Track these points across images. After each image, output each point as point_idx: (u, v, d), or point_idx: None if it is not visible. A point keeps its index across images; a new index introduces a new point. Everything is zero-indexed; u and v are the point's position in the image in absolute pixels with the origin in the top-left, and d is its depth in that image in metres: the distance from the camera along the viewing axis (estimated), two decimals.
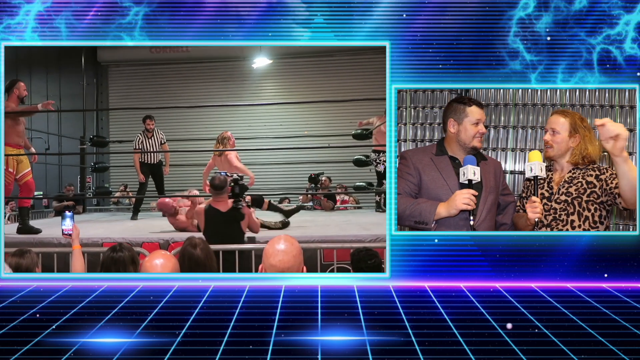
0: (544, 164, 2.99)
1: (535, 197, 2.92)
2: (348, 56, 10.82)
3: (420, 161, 3.08)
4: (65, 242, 4.19)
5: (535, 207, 2.89)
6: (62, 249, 4.06)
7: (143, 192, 7.27)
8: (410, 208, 3.00)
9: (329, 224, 5.87)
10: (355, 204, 9.13)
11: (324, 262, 4.21)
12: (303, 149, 8.60)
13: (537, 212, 2.89)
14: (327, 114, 10.69)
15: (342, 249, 4.12)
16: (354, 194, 9.06)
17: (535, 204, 2.89)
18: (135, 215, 6.98)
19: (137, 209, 7.16)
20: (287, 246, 2.45)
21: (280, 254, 2.41)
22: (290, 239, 2.51)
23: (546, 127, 3.12)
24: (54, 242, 4.52)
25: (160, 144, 7.27)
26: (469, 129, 3.05)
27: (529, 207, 2.91)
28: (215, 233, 4.31)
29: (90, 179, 10.39)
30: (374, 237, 4.40)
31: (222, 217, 4.40)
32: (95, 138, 7.70)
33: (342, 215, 7.41)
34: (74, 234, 3.51)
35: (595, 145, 3.00)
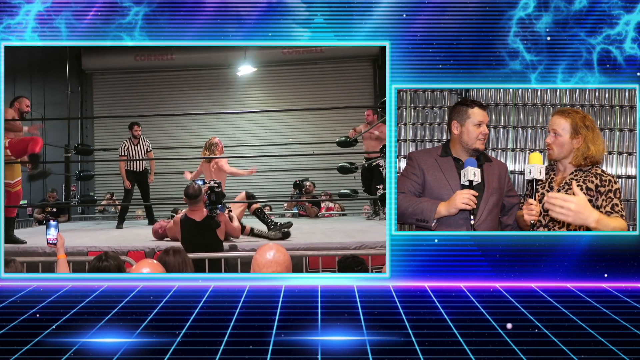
0: (544, 166, 2.98)
1: (532, 200, 2.92)
2: (332, 64, 10.85)
3: (425, 162, 3.15)
4: (50, 251, 4.17)
5: (531, 210, 2.89)
6: (47, 258, 4.00)
7: (128, 200, 7.19)
8: (413, 206, 3.08)
9: (314, 232, 5.86)
10: (340, 210, 9.15)
11: (310, 269, 4.22)
12: (288, 157, 8.62)
13: (533, 214, 2.90)
14: (311, 122, 10.72)
15: (327, 256, 4.12)
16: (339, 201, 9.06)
17: (532, 206, 2.89)
18: (121, 224, 6.87)
19: (123, 217, 7.04)
20: (279, 256, 2.48)
21: (273, 264, 2.44)
22: (279, 247, 2.54)
23: (548, 128, 3.11)
24: (39, 251, 4.47)
25: (146, 151, 7.20)
26: (472, 130, 3.09)
27: (526, 209, 2.91)
28: (191, 242, 4.29)
29: (75, 187, 10.25)
30: (359, 244, 4.42)
31: (198, 226, 4.38)
32: (80, 146, 7.67)
33: (327, 222, 7.42)
34: (59, 243, 3.47)
35: (598, 145, 2.98)
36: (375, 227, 6.05)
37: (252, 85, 11.05)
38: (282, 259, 2.48)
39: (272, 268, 2.43)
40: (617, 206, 2.93)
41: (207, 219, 4.39)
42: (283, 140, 9.98)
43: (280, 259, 2.47)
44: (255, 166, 6.22)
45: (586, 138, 2.97)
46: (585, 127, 2.97)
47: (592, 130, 2.98)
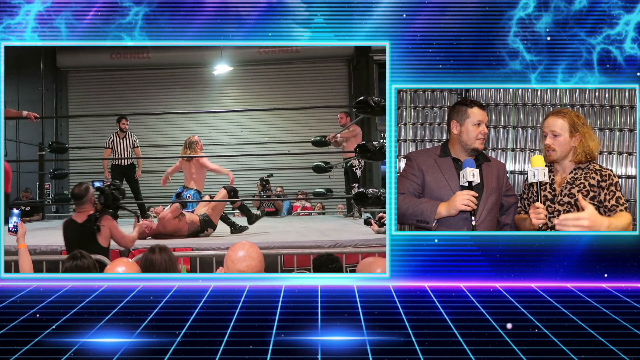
0: (547, 169, 2.98)
1: (539, 204, 2.92)
2: (308, 64, 10.75)
3: (424, 162, 3.14)
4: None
5: (539, 214, 2.89)
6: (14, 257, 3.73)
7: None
8: (413, 207, 3.08)
9: (289, 230, 5.87)
10: (321, 209, 9.16)
11: (285, 268, 4.20)
12: (263, 156, 8.53)
13: (541, 218, 2.90)
14: (287, 121, 10.64)
15: (302, 254, 4.10)
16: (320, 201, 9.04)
17: (539, 209, 2.89)
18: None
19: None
20: (252, 251, 2.54)
21: (247, 259, 2.50)
22: (251, 244, 2.59)
23: (545, 131, 3.11)
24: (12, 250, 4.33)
25: (133, 146, 7.12)
26: (471, 130, 3.09)
27: (533, 213, 2.91)
28: (73, 246, 3.93)
29: (49, 186, 10.02)
30: (334, 243, 4.41)
31: (77, 228, 4.08)
32: (55, 144, 7.49)
33: (302, 221, 7.41)
34: (20, 232, 3.36)
35: (595, 140, 3.02)
36: (349, 226, 6.06)
37: (229, 84, 10.93)
38: (255, 254, 2.55)
39: (246, 262, 2.48)
40: (620, 199, 2.95)
41: (88, 222, 4.05)
42: (259, 139, 9.90)
43: (254, 253, 2.54)
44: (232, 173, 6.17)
45: (585, 134, 3.00)
46: (581, 124, 3.02)
47: (587, 126, 3.03)
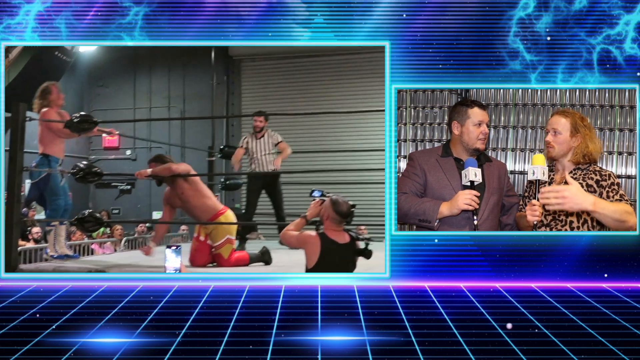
0: (547, 168, 2.99)
1: (535, 201, 2.92)
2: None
3: (426, 162, 3.14)
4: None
5: (534, 211, 2.89)
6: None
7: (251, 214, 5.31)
8: (415, 207, 3.07)
9: None
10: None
11: None
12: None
13: (536, 215, 2.90)
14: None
15: None
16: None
17: (535, 207, 2.90)
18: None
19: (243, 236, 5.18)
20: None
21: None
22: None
23: (547, 128, 3.13)
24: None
25: (275, 145, 5.40)
26: (472, 130, 3.09)
27: (529, 210, 2.92)
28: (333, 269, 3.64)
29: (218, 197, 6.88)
30: None
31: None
32: (227, 148, 6.10)
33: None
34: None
35: (596, 143, 3.02)
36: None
37: None
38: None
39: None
40: (624, 196, 2.96)
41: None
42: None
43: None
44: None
45: (585, 136, 3.01)
46: (584, 126, 3.02)
47: (590, 129, 3.03)
